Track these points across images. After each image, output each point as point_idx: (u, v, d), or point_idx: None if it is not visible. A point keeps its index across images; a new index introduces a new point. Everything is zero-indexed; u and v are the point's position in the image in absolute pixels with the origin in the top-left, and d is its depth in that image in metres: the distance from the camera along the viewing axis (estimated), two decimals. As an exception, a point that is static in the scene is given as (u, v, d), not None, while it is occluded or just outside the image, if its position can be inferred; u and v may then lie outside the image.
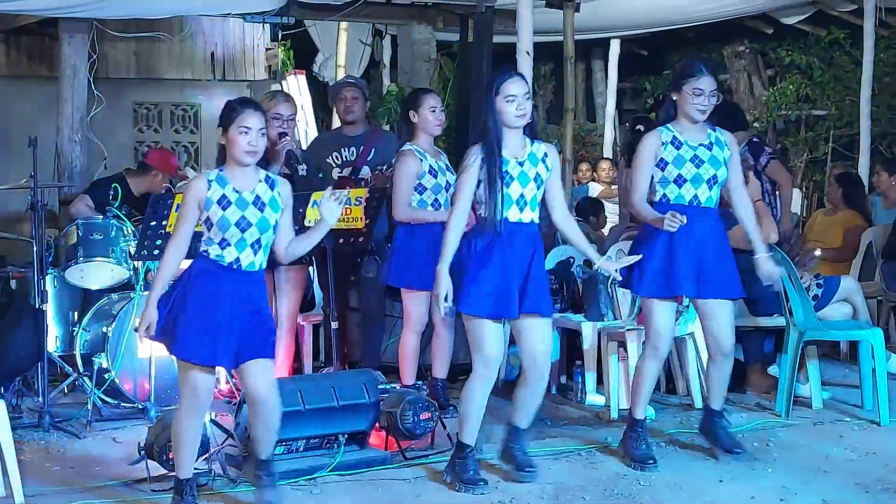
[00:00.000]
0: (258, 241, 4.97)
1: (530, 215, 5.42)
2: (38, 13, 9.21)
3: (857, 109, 11.12)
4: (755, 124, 13.60)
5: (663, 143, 5.77)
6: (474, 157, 5.35)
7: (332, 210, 5.07)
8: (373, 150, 7.51)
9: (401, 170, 6.69)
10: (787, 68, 13.78)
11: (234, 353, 4.92)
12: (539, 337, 5.47)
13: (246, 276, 4.96)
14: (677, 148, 5.77)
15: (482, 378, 5.42)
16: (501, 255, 5.35)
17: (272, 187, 5.03)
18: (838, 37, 12.81)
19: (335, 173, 7.28)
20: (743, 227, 5.95)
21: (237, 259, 4.94)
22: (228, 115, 4.94)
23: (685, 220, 5.57)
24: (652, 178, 5.80)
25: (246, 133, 4.90)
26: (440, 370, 6.91)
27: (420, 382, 6.88)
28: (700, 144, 5.78)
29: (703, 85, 5.73)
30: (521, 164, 5.40)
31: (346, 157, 7.47)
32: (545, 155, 5.49)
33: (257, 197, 4.96)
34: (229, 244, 4.92)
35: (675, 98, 5.82)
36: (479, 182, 5.35)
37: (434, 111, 6.79)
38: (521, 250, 5.39)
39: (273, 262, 6.41)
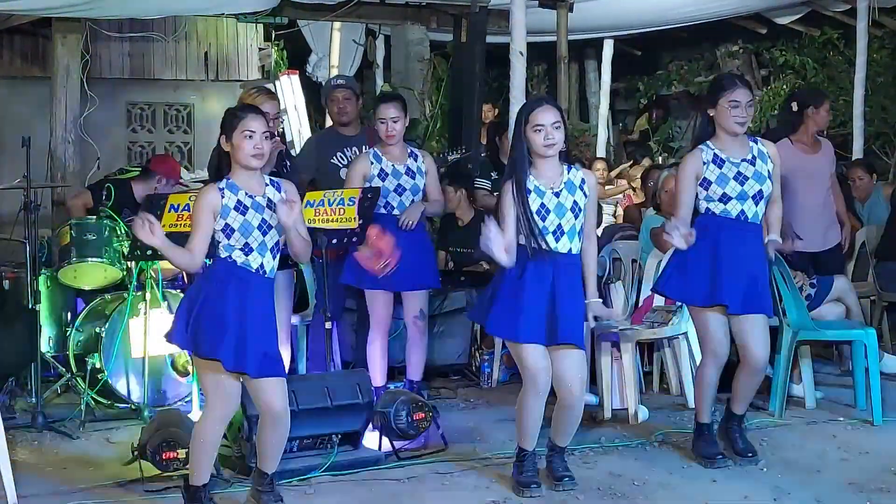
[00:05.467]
0: (277, 243, 4.99)
1: (567, 245, 5.32)
2: (32, 13, 9.19)
3: (851, 109, 11.12)
4: (748, 125, 13.56)
5: (704, 163, 5.67)
6: (507, 189, 5.29)
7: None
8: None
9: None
10: (780, 68, 13.79)
11: (258, 364, 4.89)
12: (574, 365, 5.41)
13: (266, 283, 4.98)
14: (719, 166, 5.67)
15: (534, 395, 5.37)
16: (534, 284, 5.28)
17: (279, 190, 5.04)
18: (832, 37, 12.81)
19: (342, 173, 7.27)
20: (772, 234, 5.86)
21: (262, 265, 4.95)
22: (230, 122, 4.95)
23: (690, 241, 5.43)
24: (696, 195, 5.71)
25: (250, 137, 4.91)
26: (414, 373, 6.92)
27: (397, 384, 6.90)
28: (743, 160, 5.70)
29: (739, 97, 5.67)
30: (556, 194, 5.30)
31: (350, 157, 7.46)
32: (582, 181, 5.39)
33: (269, 200, 4.98)
34: (252, 249, 4.92)
35: (711, 114, 5.73)
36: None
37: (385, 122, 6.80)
38: (558, 280, 5.30)
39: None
